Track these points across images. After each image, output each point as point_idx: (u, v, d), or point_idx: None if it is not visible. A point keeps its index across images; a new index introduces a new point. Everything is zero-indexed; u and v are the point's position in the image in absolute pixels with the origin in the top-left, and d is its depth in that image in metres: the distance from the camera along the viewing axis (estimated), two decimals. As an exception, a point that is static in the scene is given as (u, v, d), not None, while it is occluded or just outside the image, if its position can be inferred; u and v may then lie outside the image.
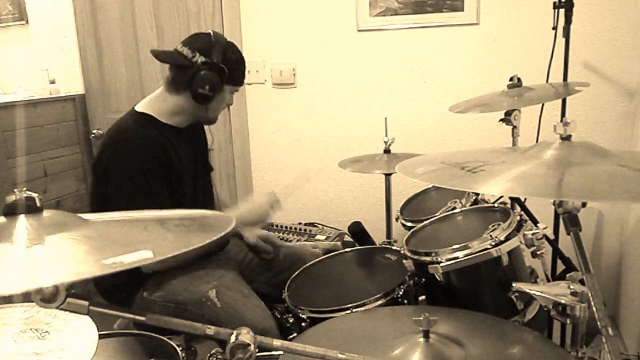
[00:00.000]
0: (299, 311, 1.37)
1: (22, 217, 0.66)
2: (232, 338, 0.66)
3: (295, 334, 1.38)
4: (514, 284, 1.09)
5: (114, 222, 0.79)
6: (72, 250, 0.63)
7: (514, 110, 1.60)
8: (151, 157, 1.48)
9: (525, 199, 1.54)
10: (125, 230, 0.74)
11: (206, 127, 1.82)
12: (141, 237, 0.71)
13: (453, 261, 1.25)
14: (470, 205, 1.66)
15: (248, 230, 1.79)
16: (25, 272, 0.57)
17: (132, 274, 1.47)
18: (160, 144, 1.51)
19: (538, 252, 1.19)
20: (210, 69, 1.50)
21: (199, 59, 1.50)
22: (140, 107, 1.58)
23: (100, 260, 0.58)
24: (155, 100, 1.58)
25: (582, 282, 0.90)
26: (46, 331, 0.92)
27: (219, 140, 2.74)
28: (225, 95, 1.59)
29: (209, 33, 1.55)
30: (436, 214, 1.64)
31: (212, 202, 1.82)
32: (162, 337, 1.19)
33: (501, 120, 1.63)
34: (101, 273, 0.56)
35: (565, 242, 1.02)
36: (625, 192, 0.76)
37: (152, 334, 1.21)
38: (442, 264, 1.25)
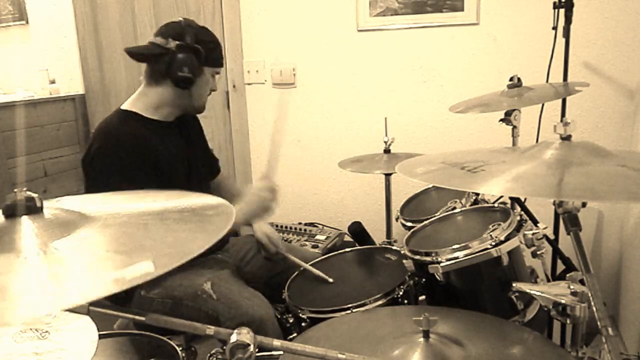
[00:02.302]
0: (299, 311, 1.37)
1: (23, 219, 0.66)
2: (232, 338, 0.66)
3: (295, 334, 1.38)
4: (514, 284, 1.09)
5: (114, 219, 0.78)
6: (76, 262, 0.62)
7: (514, 110, 1.60)
8: (133, 154, 1.47)
9: (525, 199, 1.54)
10: (125, 231, 0.74)
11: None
12: (141, 241, 0.70)
13: (453, 261, 1.25)
14: (470, 205, 1.66)
15: (259, 224, 1.78)
16: (34, 300, 0.55)
17: None
18: (145, 140, 1.50)
19: (538, 252, 1.19)
20: (186, 50, 1.50)
21: (173, 44, 1.49)
22: (125, 106, 1.58)
23: (104, 279, 0.57)
24: (139, 97, 1.58)
25: (582, 282, 0.91)
26: (46, 331, 0.91)
27: (219, 140, 2.74)
28: (207, 79, 1.56)
29: (179, 19, 1.55)
30: (436, 214, 1.64)
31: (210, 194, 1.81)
32: (162, 337, 1.19)
33: (501, 120, 1.63)
34: (106, 294, 0.55)
35: (565, 242, 1.02)
36: (625, 192, 0.76)
37: (152, 334, 1.21)
38: (442, 264, 1.25)
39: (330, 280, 1.52)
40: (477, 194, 1.70)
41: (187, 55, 1.50)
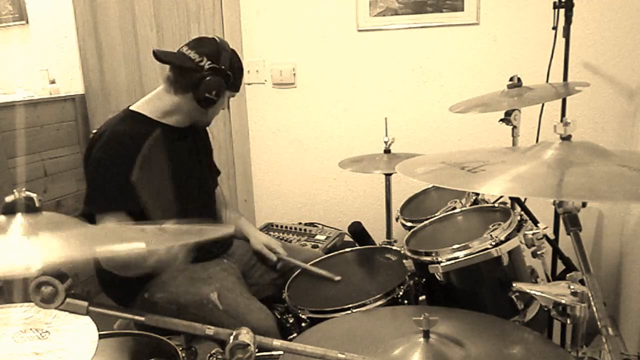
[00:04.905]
0: (299, 311, 1.37)
1: (19, 216, 0.66)
2: (232, 338, 0.66)
3: (295, 334, 1.38)
4: (514, 284, 1.09)
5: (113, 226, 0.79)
6: (65, 241, 0.63)
7: (514, 110, 1.60)
8: (127, 153, 1.46)
9: (525, 199, 1.54)
10: (123, 230, 0.74)
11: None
12: (137, 236, 0.71)
13: (453, 261, 1.25)
14: (470, 205, 1.66)
15: (256, 236, 1.80)
16: (17, 255, 0.57)
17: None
18: (144, 141, 1.50)
19: (538, 252, 1.19)
20: (218, 74, 1.53)
21: (206, 63, 1.52)
22: (134, 106, 1.60)
23: (92, 248, 0.58)
24: (152, 99, 1.60)
25: (582, 282, 0.90)
26: (46, 331, 0.92)
27: (219, 140, 2.73)
28: (225, 100, 1.63)
29: (214, 38, 1.59)
30: (436, 214, 1.64)
31: (212, 203, 1.81)
32: (162, 337, 1.19)
33: (501, 120, 1.63)
34: (90, 255, 0.56)
35: (565, 242, 1.02)
36: (625, 192, 0.76)
37: (152, 334, 1.21)
38: (442, 264, 1.25)
39: (337, 278, 1.52)
40: (477, 194, 1.70)
41: (219, 80, 1.54)
